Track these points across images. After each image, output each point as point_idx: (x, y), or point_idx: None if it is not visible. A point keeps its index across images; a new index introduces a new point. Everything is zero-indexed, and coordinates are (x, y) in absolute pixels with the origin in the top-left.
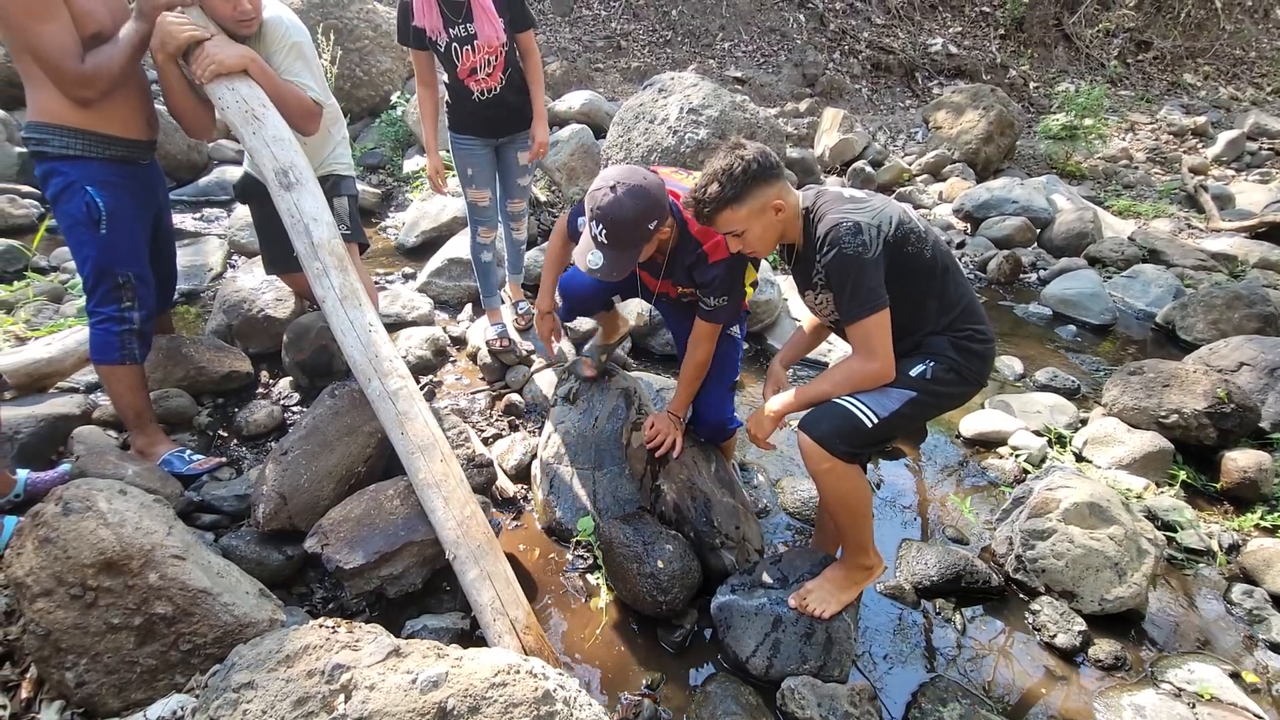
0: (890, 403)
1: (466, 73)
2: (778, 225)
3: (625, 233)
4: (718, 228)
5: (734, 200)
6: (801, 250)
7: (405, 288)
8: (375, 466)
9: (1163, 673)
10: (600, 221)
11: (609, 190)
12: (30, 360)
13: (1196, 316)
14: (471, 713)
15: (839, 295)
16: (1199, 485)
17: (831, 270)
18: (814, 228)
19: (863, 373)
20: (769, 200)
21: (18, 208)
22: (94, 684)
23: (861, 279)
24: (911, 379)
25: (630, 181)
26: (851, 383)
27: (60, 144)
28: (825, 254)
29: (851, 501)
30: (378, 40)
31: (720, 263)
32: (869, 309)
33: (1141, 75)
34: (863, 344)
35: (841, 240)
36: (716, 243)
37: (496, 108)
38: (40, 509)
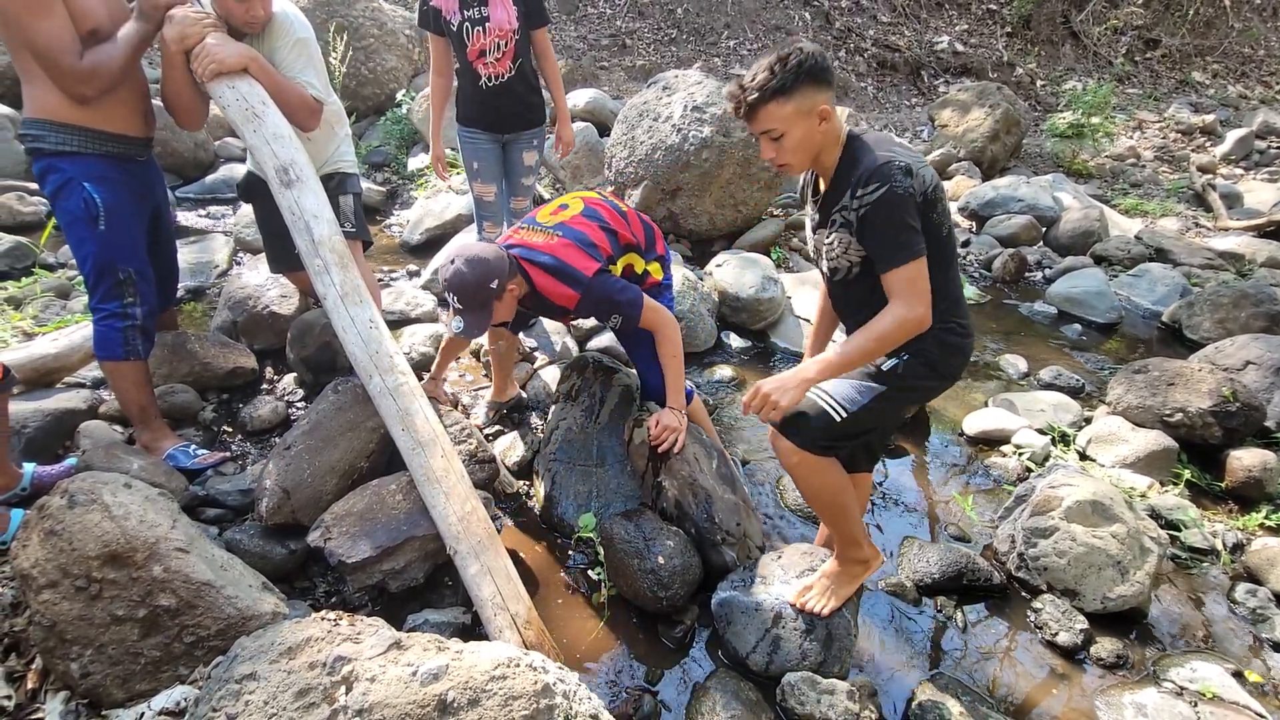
0: (859, 397)
1: (475, 54)
2: (818, 138)
3: (470, 295)
4: (757, 124)
5: (782, 92)
6: (831, 181)
7: (409, 285)
8: (378, 462)
9: (1165, 672)
10: (449, 291)
11: (449, 264)
12: (37, 355)
13: (1203, 315)
14: (471, 705)
15: (880, 237)
16: (1203, 484)
17: (875, 208)
18: (855, 161)
19: (909, 320)
20: (817, 104)
21: (25, 205)
22: (99, 675)
23: (907, 221)
24: (882, 373)
25: (466, 254)
26: (900, 332)
27: (57, 140)
28: (870, 190)
29: (827, 495)
30: (383, 39)
31: (580, 302)
32: (914, 252)
33: (1149, 73)
34: (907, 289)
35: (893, 178)
36: (561, 293)
37: (503, 96)
38: (46, 502)
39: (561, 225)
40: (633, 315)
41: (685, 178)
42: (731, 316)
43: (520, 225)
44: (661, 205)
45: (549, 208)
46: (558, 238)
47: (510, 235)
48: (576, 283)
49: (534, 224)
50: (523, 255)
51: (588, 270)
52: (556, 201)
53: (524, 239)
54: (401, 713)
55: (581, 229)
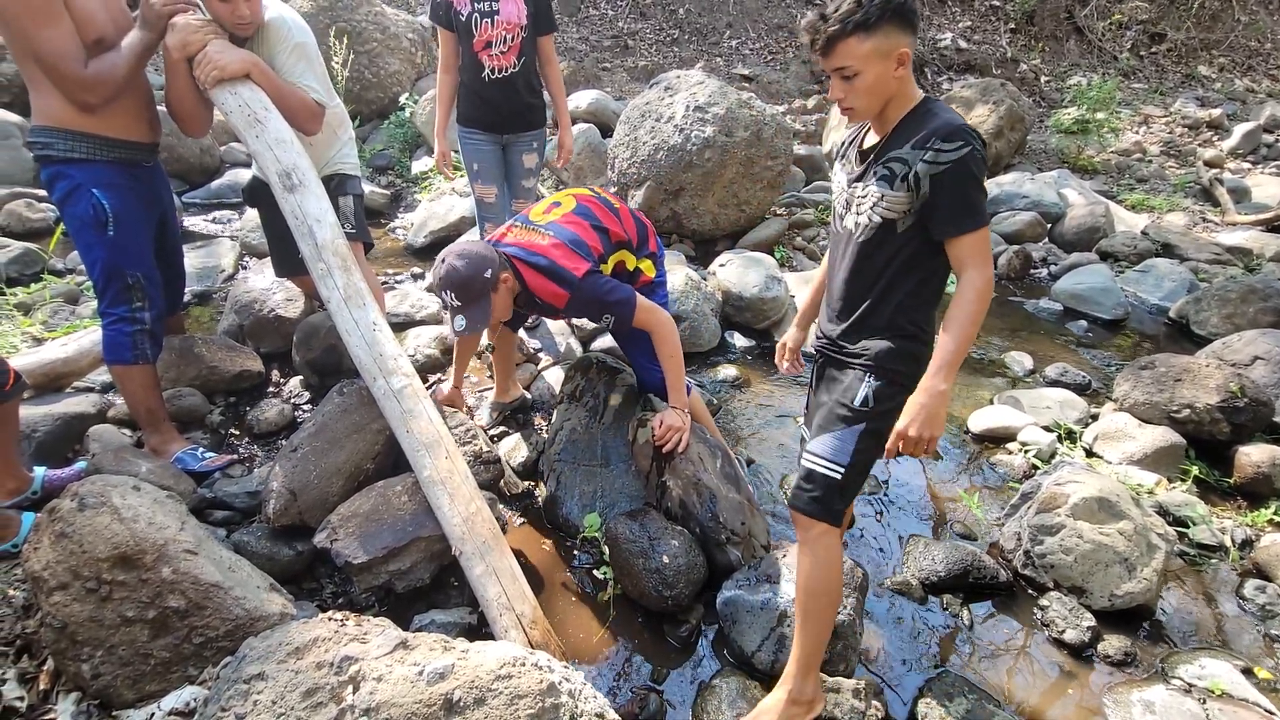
0: (846, 445)
1: (481, 45)
2: (892, 84)
3: (467, 288)
4: (832, 60)
5: (864, 27)
6: (890, 134)
7: (414, 287)
8: (383, 463)
9: (1173, 669)
10: (446, 289)
11: (440, 263)
12: (47, 360)
13: (1210, 311)
14: (477, 704)
15: (956, 197)
16: (1211, 480)
17: (957, 166)
18: (930, 115)
19: (987, 288)
20: (899, 47)
21: (34, 211)
22: (109, 675)
23: (982, 185)
24: (856, 411)
25: (455, 250)
26: (985, 302)
27: (65, 147)
28: (954, 148)
29: (829, 577)
30: (386, 43)
31: (570, 301)
32: (986, 218)
33: (1155, 68)
34: (980, 255)
35: (975, 140)
36: (551, 292)
37: (505, 90)
38: (57, 504)
39: (553, 224)
40: (624, 315)
41: (688, 178)
42: (735, 316)
43: (513, 223)
44: (664, 205)
45: (541, 205)
46: (549, 237)
47: (502, 233)
48: (567, 283)
49: (526, 222)
50: (515, 255)
51: (578, 271)
52: (549, 199)
53: (516, 238)
54: (408, 712)
55: (573, 228)
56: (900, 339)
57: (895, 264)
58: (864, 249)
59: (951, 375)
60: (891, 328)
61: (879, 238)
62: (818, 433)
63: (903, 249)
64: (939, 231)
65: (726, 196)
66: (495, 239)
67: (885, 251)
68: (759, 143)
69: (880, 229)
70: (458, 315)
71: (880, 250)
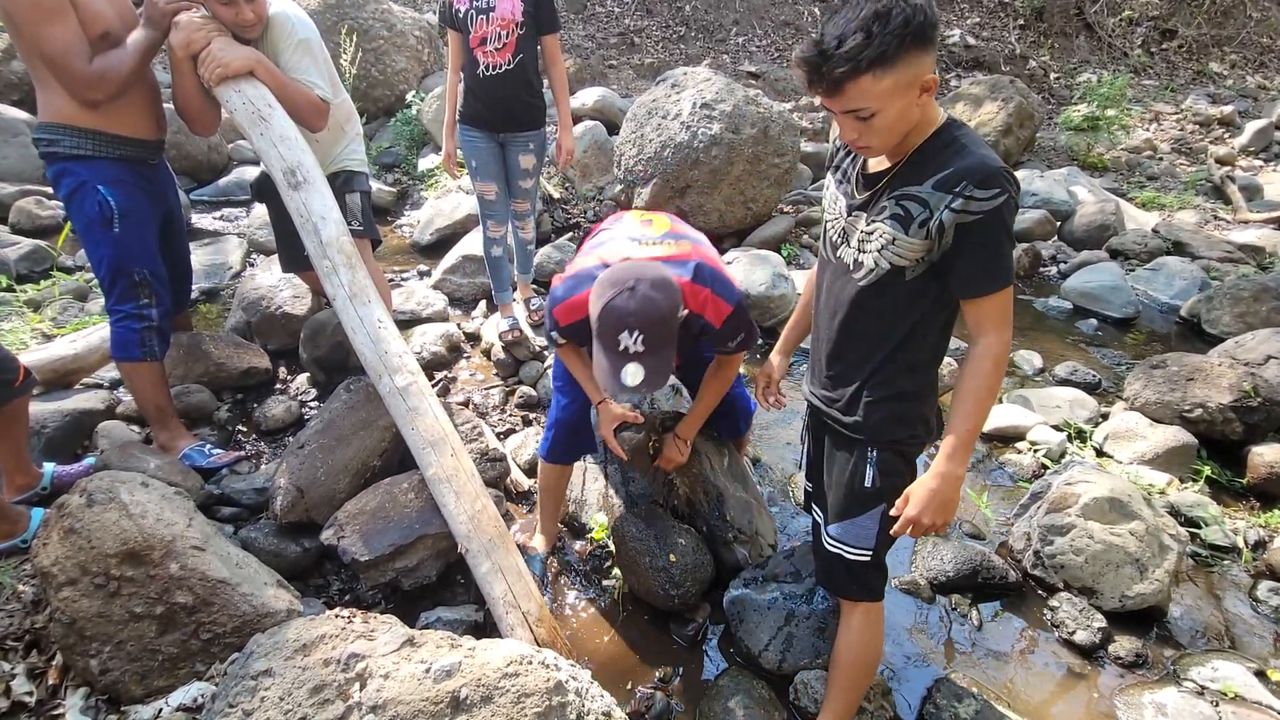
0: (870, 529)
1: (477, 41)
2: (914, 115)
3: (665, 330)
4: (842, 101)
5: (882, 63)
6: (904, 164)
7: (420, 284)
8: (390, 460)
9: (1185, 671)
10: (635, 329)
11: (629, 293)
12: (56, 357)
13: (1223, 309)
14: (484, 702)
15: (986, 253)
16: (1224, 481)
17: (991, 219)
18: (958, 151)
19: (1005, 354)
20: (922, 73)
21: (44, 209)
22: (117, 671)
23: (1012, 239)
24: (869, 491)
25: (647, 275)
26: (1001, 370)
27: (71, 144)
28: (990, 196)
29: (870, 648)
30: (393, 40)
31: (727, 320)
32: (1011, 276)
33: (1166, 64)
34: (1002, 318)
35: (1011, 188)
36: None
37: (501, 88)
38: (66, 500)
39: (673, 234)
40: (749, 343)
41: (694, 175)
42: None
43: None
44: (671, 203)
45: (634, 224)
46: (691, 245)
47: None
48: (731, 294)
49: (637, 239)
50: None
51: (735, 282)
52: (637, 215)
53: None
54: (415, 709)
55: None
56: (900, 402)
57: (900, 314)
58: (864, 294)
59: (967, 456)
60: (890, 389)
61: (884, 283)
62: (835, 518)
63: (910, 298)
64: (960, 290)
65: (733, 194)
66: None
67: (889, 300)
68: (766, 140)
69: (887, 274)
70: (632, 364)
71: (883, 298)
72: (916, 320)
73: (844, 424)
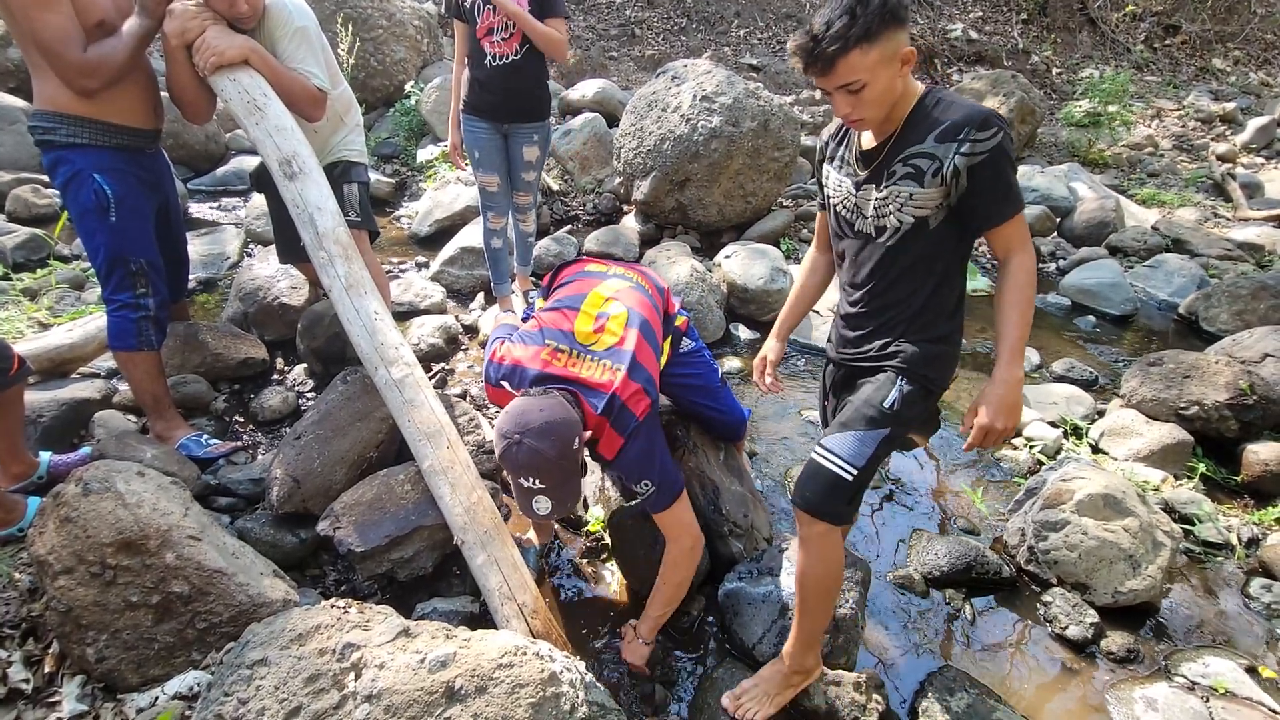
0: (865, 449)
1: (484, 32)
2: (898, 86)
3: (557, 471)
4: (835, 78)
5: (866, 38)
6: (898, 133)
7: (418, 276)
8: (387, 451)
9: (1176, 666)
10: (526, 476)
11: (516, 446)
12: (53, 346)
13: (1221, 307)
14: (479, 692)
15: (997, 184)
16: (1219, 478)
17: (995, 155)
18: (945, 107)
19: (1034, 263)
20: (901, 46)
21: (40, 197)
22: (114, 659)
23: (1015, 169)
24: (884, 413)
25: (530, 425)
26: (1034, 281)
27: (67, 133)
28: (988, 136)
29: (829, 579)
30: (392, 30)
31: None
32: (1023, 201)
33: (1169, 60)
34: (1024, 236)
35: (1004, 125)
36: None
37: (508, 78)
38: (62, 489)
39: (615, 351)
40: (661, 499)
41: (694, 168)
42: (740, 308)
43: (559, 347)
44: (670, 196)
45: (589, 316)
46: (624, 372)
47: (551, 360)
48: (626, 426)
49: (579, 348)
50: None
51: (639, 411)
52: (596, 300)
53: (575, 372)
54: (410, 699)
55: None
56: (932, 343)
57: (924, 262)
58: (892, 252)
59: (1022, 360)
60: (924, 330)
61: (910, 237)
62: (837, 429)
63: (932, 246)
64: (983, 221)
65: (733, 187)
66: (547, 367)
67: (914, 251)
68: (766, 133)
69: (912, 229)
70: (538, 497)
71: (909, 251)
72: (942, 269)
73: (874, 356)
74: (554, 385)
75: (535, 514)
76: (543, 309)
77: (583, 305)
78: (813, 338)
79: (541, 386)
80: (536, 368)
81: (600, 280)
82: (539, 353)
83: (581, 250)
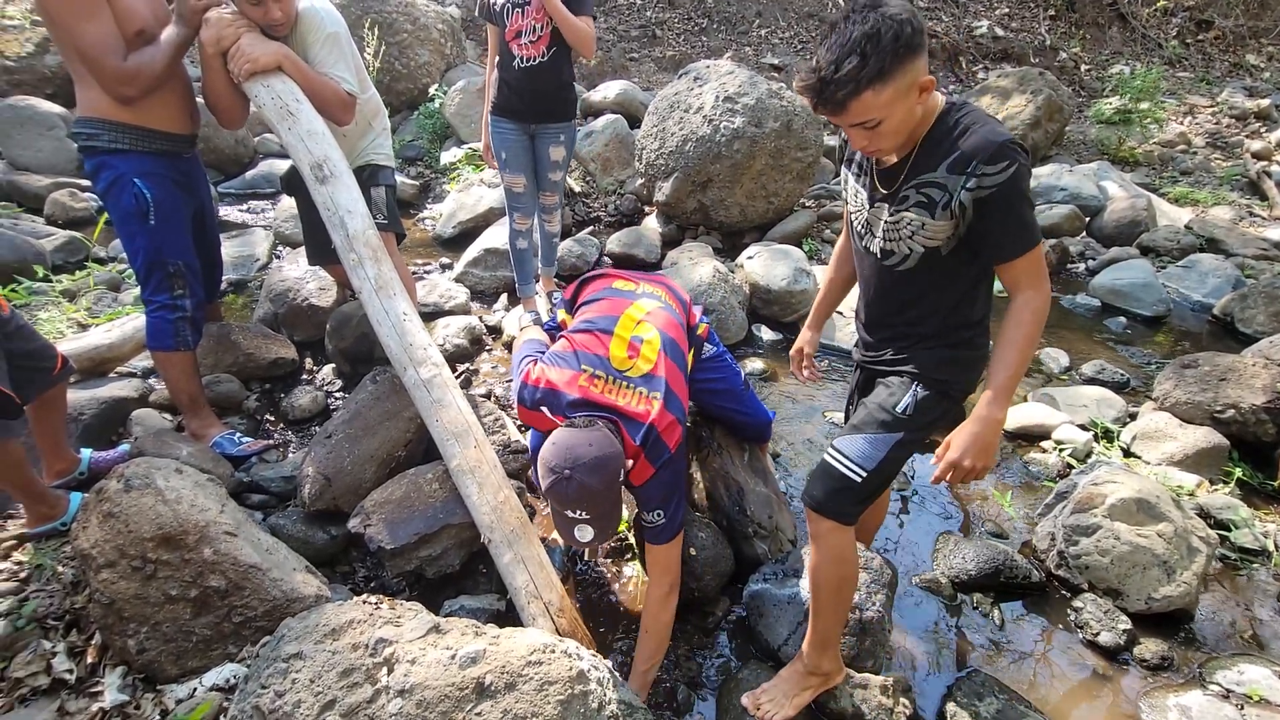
0: (876, 451)
1: (513, 35)
2: (918, 113)
3: (605, 503)
4: (848, 117)
5: (880, 78)
6: (915, 153)
7: (442, 278)
8: (415, 450)
9: (1211, 674)
10: (577, 508)
11: (565, 481)
12: (92, 346)
13: (1257, 308)
14: (508, 689)
15: (1009, 219)
16: (1255, 483)
17: (1007, 188)
18: (961, 132)
19: (1044, 308)
20: (918, 76)
21: (78, 201)
22: (154, 651)
23: (1030, 202)
24: (898, 417)
25: (579, 460)
26: (1040, 323)
27: (109, 139)
28: (999, 169)
29: (840, 572)
30: (416, 34)
31: (646, 481)
32: (1039, 233)
33: (1201, 56)
34: (1039, 271)
35: (1019, 156)
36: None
37: (536, 80)
38: (104, 485)
39: (650, 380)
40: (667, 528)
41: (716, 169)
42: (763, 309)
43: (596, 373)
44: (692, 197)
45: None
46: (660, 401)
47: (589, 387)
48: (660, 456)
49: (615, 374)
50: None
51: (671, 442)
52: (629, 323)
53: (613, 400)
54: (441, 694)
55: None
56: (951, 347)
57: (937, 287)
58: (905, 276)
59: (1007, 403)
60: (941, 336)
61: (921, 265)
62: (850, 431)
63: (952, 270)
64: (992, 256)
65: (755, 188)
66: (582, 394)
67: (933, 276)
68: (789, 134)
69: (923, 257)
70: (582, 526)
71: (920, 277)
72: (963, 287)
73: (894, 362)
74: (594, 413)
75: (577, 541)
76: (573, 328)
77: (616, 329)
78: (835, 339)
79: (582, 414)
80: (575, 394)
81: (631, 301)
82: (576, 378)
83: (603, 252)
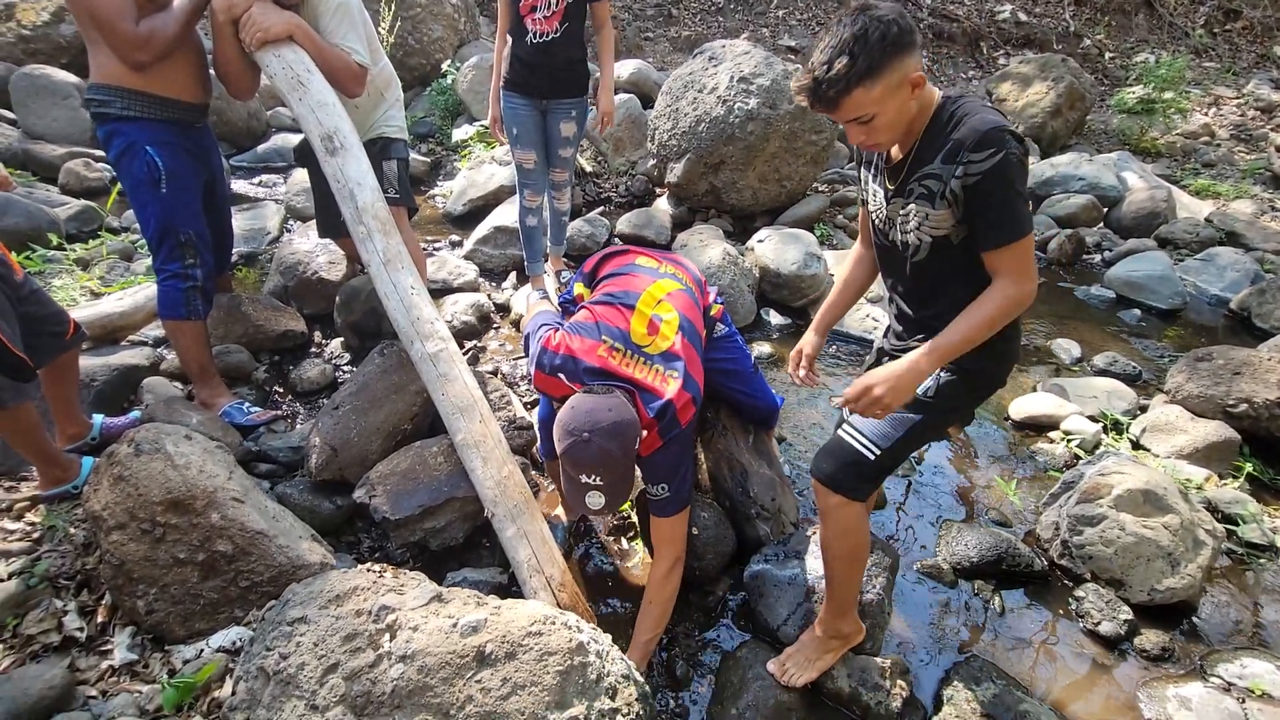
0: (893, 431)
1: (527, 9)
2: (912, 108)
3: (619, 469)
4: (842, 114)
5: (869, 75)
6: (916, 148)
7: (452, 254)
8: (421, 423)
9: (1213, 667)
10: (593, 473)
11: (583, 444)
12: (104, 314)
13: (1276, 303)
14: (508, 658)
15: (994, 209)
16: (1266, 479)
17: (991, 177)
18: (954, 123)
19: (1020, 300)
20: (908, 73)
21: (92, 171)
22: (162, 612)
23: (1021, 191)
24: (919, 398)
25: (599, 425)
26: (1010, 314)
27: (122, 105)
28: (984, 157)
29: (849, 549)
30: (430, 9)
31: (653, 452)
32: (1028, 226)
33: (1229, 46)
34: (1020, 267)
35: (1007, 143)
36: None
37: (547, 55)
38: (115, 449)
39: (669, 357)
40: (674, 501)
41: (729, 151)
42: (772, 293)
43: (615, 345)
44: (704, 179)
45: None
46: (678, 379)
47: (609, 357)
48: (671, 431)
49: (634, 349)
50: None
51: (684, 418)
52: (650, 300)
53: (630, 373)
54: (442, 661)
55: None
56: None
57: (962, 274)
58: (924, 266)
59: (938, 362)
60: None
61: (936, 254)
62: None
63: (966, 258)
64: (979, 243)
65: (768, 171)
66: (601, 364)
67: (950, 263)
68: (804, 116)
69: (934, 247)
70: (594, 493)
71: (941, 265)
72: (984, 275)
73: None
74: (613, 383)
75: (588, 508)
76: (594, 300)
77: (638, 304)
78: (845, 323)
79: (601, 383)
80: (593, 363)
81: (654, 279)
82: (596, 348)
83: (613, 233)
